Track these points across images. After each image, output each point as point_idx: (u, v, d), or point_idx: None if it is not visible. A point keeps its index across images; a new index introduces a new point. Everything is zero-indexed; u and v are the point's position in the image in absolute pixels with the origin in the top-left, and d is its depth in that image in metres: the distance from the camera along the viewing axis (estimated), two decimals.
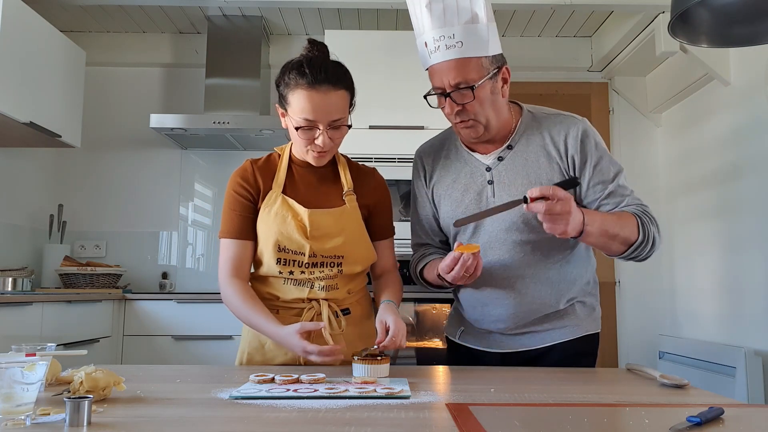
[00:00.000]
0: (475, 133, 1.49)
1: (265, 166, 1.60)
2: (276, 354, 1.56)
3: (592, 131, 1.52)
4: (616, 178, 1.51)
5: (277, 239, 1.51)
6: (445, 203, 1.61)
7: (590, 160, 1.50)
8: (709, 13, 1.74)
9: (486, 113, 1.46)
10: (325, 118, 1.45)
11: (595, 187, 1.50)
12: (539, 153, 1.52)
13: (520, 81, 4.10)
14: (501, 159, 1.54)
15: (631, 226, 1.44)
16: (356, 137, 3.51)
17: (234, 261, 1.55)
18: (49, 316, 2.71)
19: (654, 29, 3.33)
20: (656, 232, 1.47)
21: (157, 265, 3.98)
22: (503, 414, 0.95)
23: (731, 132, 3.18)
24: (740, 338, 3.07)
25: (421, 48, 1.47)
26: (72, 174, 4.00)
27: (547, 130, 1.53)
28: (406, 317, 3.24)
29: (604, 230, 1.40)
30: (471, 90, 1.42)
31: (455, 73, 1.41)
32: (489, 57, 1.43)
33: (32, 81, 3.00)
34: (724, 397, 1.14)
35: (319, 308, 1.54)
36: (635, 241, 1.44)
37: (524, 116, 1.56)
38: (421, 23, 1.46)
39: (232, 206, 1.57)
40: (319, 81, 1.43)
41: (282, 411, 0.95)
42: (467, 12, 1.41)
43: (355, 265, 1.57)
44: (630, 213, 1.47)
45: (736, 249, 3.13)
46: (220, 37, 3.81)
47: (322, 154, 1.51)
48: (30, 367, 0.86)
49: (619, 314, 3.97)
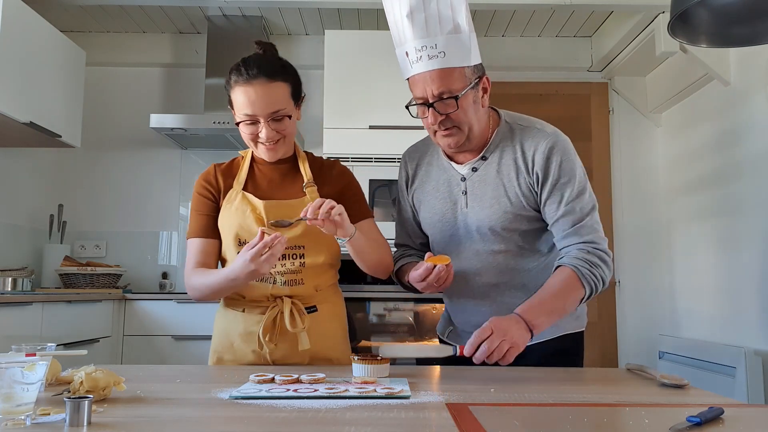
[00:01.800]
0: (456, 142, 1.48)
1: (227, 168, 1.65)
2: (245, 352, 1.57)
3: (561, 147, 1.49)
4: (575, 201, 1.47)
5: (236, 232, 1.54)
6: (423, 209, 1.63)
7: (551, 177, 1.48)
8: (708, 13, 1.74)
9: (469, 122, 1.46)
10: (263, 110, 1.49)
11: (551, 206, 1.49)
12: (510, 166, 1.51)
13: (520, 81, 4.11)
14: (475, 170, 1.54)
15: (572, 288, 1.42)
16: (356, 137, 3.52)
17: (198, 257, 1.58)
18: (49, 316, 2.71)
19: (654, 29, 3.33)
20: (602, 272, 1.44)
21: (157, 265, 3.98)
22: (503, 414, 0.95)
23: (731, 132, 3.18)
24: (740, 338, 3.07)
25: (402, 57, 1.46)
26: (72, 174, 4.01)
27: (520, 142, 1.52)
28: (406, 317, 3.24)
29: (550, 312, 1.40)
30: (455, 100, 1.41)
31: (439, 83, 1.40)
32: (471, 66, 1.43)
33: (32, 81, 3.00)
34: (724, 397, 1.14)
35: (282, 306, 1.54)
36: (584, 297, 1.44)
37: (501, 126, 1.55)
38: (402, 33, 1.44)
39: (195, 207, 1.62)
40: (253, 75, 1.47)
41: (282, 411, 0.95)
42: (449, 22, 1.40)
43: (318, 256, 1.57)
44: (568, 269, 1.43)
45: (736, 249, 3.13)
46: (220, 37, 3.80)
47: (271, 147, 1.54)
48: (30, 367, 0.86)
49: (619, 314, 3.97)
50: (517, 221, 1.51)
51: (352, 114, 3.50)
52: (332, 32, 3.59)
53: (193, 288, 1.55)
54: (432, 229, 1.63)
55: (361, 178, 3.60)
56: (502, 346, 1.27)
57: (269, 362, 1.56)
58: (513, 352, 1.29)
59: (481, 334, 1.28)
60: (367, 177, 3.58)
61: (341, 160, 3.70)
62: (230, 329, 1.59)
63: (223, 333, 1.61)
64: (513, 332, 1.30)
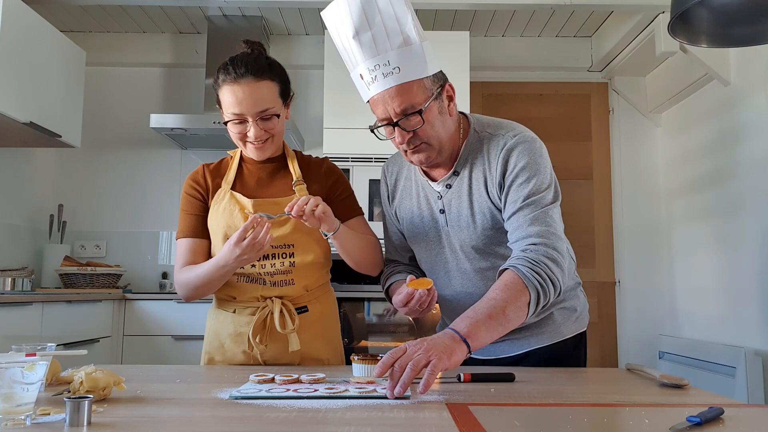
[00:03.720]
0: (427, 157, 1.40)
1: (216, 168, 1.64)
2: (235, 353, 1.57)
3: (522, 147, 1.40)
4: (534, 197, 1.37)
5: (225, 232, 1.53)
6: (407, 226, 1.57)
7: (508, 174, 1.39)
8: (709, 13, 1.74)
9: (437, 135, 1.38)
10: (251, 109, 1.48)
11: (508, 205, 1.39)
12: (480, 179, 1.43)
13: (520, 81, 4.11)
14: (449, 186, 1.47)
15: (514, 290, 1.26)
16: (356, 137, 3.52)
17: (187, 256, 1.57)
18: (49, 316, 2.71)
19: (654, 29, 3.34)
20: (549, 272, 1.29)
21: (157, 265, 3.99)
22: (503, 414, 0.95)
23: (731, 132, 3.18)
24: (740, 338, 3.07)
25: (357, 81, 1.38)
26: (72, 174, 4.01)
27: (488, 154, 1.43)
28: (405, 318, 3.24)
29: (488, 318, 1.21)
30: (419, 114, 1.34)
31: (399, 99, 1.33)
32: (430, 77, 1.35)
33: (32, 81, 3.00)
34: (724, 397, 1.14)
35: (272, 306, 1.54)
36: (530, 300, 1.27)
37: (470, 137, 1.47)
38: (352, 56, 1.36)
39: (184, 207, 1.61)
40: (240, 74, 1.47)
41: (282, 411, 0.95)
42: (397, 35, 1.32)
43: (307, 254, 1.56)
44: (510, 272, 1.29)
45: (736, 249, 3.13)
46: (220, 37, 3.81)
47: (259, 146, 1.53)
48: (30, 367, 0.86)
49: (619, 314, 3.97)
50: (498, 236, 1.44)
51: (352, 114, 3.50)
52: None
53: (181, 284, 1.54)
54: (417, 246, 1.57)
55: (361, 178, 3.62)
56: (418, 360, 1.07)
57: (260, 362, 1.55)
58: (437, 365, 1.07)
59: (393, 354, 1.10)
60: (367, 177, 3.59)
61: (341, 160, 3.73)
62: (220, 330, 1.59)
63: (213, 334, 1.61)
64: (436, 343, 1.12)
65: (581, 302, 1.59)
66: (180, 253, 1.59)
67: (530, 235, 1.34)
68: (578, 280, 1.61)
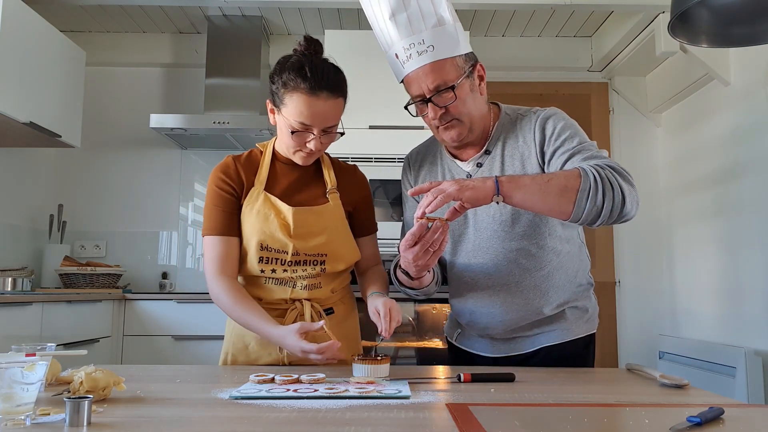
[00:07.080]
0: (459, 134, 1.45)
1: (247, 162, 1.57)
2: (260, 354, 1.55)
3: (557, 115, 1.46)
4: (581, 145, 1.40)
5: (260, 239, 1.49)
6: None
7: (551, 136, 1.43)
8: (709, 13, 1.74)
9: (469, 112, 1.44)
10: (320, 124, 1.46)
11: (556, 159, 1.41)
12: (515, 156, 1.48)
13: (520, 81, 4.11)
14: (480, 165, 1.52)
15: (568, 175, 1.30)
16: (356, 137, 3.52)
17: (220, 258, 1.51)
18: (49, 316, 2.71)
19: (654, 29, 3.33)
20: (614, 178, 1.30)
21: (157, 265, 3.98)
22: (503, 414, 0.95)
23: (731, 132, 3.18)
24: (740, 338, 3.07)
25: (392, 60, 1.45)
26: (72, 174, 4.01)
27: (521, 130, 1.49)
28: (406, 317, 3.24)
29: (531, 180, 1.29)
30: (452, 90, 1.40)
31: (433, 76, 1.39)
32: (462, 56, 1.42)
33: (32, 81, 3.00)
34: (724, 397, 1.14)
35: (302, 309, 1.53)
36: (579, 188, 1.27)
37: (502, 118, 1.53)
38: (388, 36, 1.43)
39: (215, 202, 1.53)
40: (321, 87, 1.42)
41: (282, 411, 0.95)
42: (432, 16, 1.39)
43: (339, 263, 1.56)
44: (577, 167, 1.33)
45: (736, 249, 3.13)
46: (220, 37, 3.81)
47: (310, 155, 1.51)
48: (30, 367, 0.86)
49: (619, 314, 3.97)
50: (528, 214, 1.46)
51: (352, 114, 3.47)
52: (332, 32, 3.59)
53: (219, 302, 1.51)
54: None
55: None
56: (449, 190, 1.23)
57: (285, 363, 1.53)
58: (457, 191, 1.24)
59: (427, 187, 1.26)
60: (367, 177, 3.58)
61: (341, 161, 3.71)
62: (245, 332, 1.56)
63: (237, 335, 1.58)
64: (469, 181, 1.27)
65: (592, 304, 1.60)
66: (213, 253, 1.51)
67: (590, 163, 1.34)
68: (591, 281, 1.63)
